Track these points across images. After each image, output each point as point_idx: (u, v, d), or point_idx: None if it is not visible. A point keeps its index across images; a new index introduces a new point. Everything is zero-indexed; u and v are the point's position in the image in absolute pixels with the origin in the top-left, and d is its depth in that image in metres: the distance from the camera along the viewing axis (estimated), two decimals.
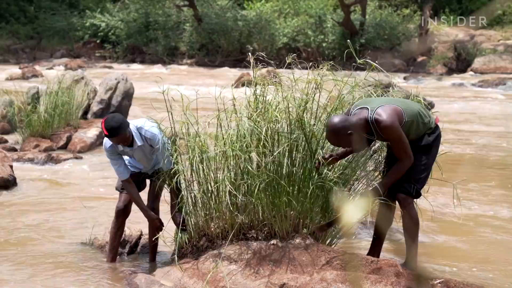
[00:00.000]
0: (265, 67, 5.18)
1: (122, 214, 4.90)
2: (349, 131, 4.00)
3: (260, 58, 4.56)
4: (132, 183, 4.79)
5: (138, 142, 4.66)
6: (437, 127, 4.25)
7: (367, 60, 4.35)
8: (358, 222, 4.48)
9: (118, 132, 4.50)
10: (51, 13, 30.80)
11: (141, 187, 5.02)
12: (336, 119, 4.05)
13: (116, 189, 4.98)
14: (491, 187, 7.70)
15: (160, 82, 4.87)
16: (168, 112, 4.64)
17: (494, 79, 20.71)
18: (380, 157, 4.63)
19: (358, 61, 4.38)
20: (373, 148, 4.58)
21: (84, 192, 7.38)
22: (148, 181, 5.03)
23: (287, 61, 4.50)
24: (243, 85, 4.85)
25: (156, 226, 4.83)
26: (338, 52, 25.17)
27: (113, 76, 12.02)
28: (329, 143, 4.33)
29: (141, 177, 4.95)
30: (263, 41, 26.82)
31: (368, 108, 4.07)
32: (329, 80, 4.49)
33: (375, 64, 4.33)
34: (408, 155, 4.04)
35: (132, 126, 4.66)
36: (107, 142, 4.69)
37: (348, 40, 5.02)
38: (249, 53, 4.56)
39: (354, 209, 4.08)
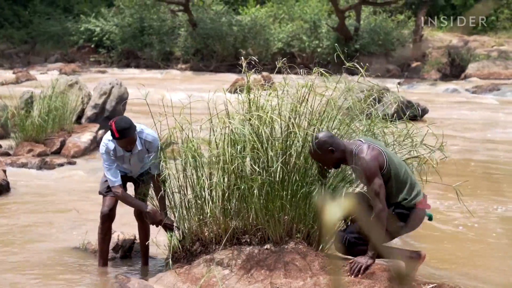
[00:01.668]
0: (260, 73, 5.20)
1: (107, 218, 4.85)
2: (330, 148, 4.03)
3: (255, 62, 4.57)
4: (122, 188, 4.72)
5: (139, 146, 4.62)
6: (415, 208, 4.06)
7: (356, 64, 4.37)
8: (339, 225, 4.49)
9: (128, 133, 4.45)
10: (46, 18, 30.80)
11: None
12: (322, 133, 4.11)
13: (100, 193, 4.91)
14: (473, 191, 7.73)
15: (141, 87, 4.87)
16: (153, 119, 4.63)
17: (488, 85, 20.81)
18: None
19: (347, 64, 4.40)
20: None
21: (77, 197, 7.37)
22: (130, 184, 5.00)
23: (277, 66, 4.52)
24: (235, 90, 4.85)
25: (157, 220, 4.65)
26: (333, 57, 25.25)
27: (107, 81, 12.02)
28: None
29: (126, 179, 4.91)
30: (258, 46, 26.88)
31: (362, 141, 4.06)
32: (321, 85, 4.51)
33: (364, 69, 4.35)
34: (379, 198, 3.91)
35: None
36: (109, 145, 4.60)
37: (344, 46, 5.05)
38: (242, 57, 4.56)
39: (335, 209, 4.07)
